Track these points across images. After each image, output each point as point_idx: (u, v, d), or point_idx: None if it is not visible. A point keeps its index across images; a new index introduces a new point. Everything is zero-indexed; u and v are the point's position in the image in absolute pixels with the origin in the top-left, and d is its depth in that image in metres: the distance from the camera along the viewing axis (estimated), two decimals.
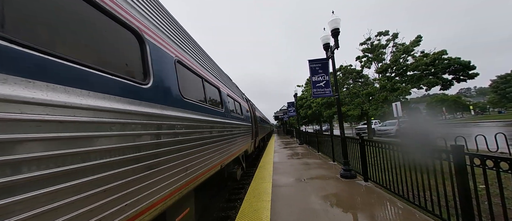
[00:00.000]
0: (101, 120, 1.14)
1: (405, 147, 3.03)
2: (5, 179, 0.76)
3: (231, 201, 5.02)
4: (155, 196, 1.55)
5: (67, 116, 0.97)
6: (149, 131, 1.53)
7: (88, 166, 1.05)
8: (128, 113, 1.34)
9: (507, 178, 1.76)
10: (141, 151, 1.42)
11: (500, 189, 1.78)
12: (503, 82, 44.04)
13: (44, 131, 0.88)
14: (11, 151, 0.78)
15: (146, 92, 1.57)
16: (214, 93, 3.63)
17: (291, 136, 21.48)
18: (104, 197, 1.12)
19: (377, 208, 3.01)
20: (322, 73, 5.43)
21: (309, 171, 5.52)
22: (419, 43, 13.59)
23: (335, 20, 4.50)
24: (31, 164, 0.83)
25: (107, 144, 1.17)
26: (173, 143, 1.81)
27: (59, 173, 0.92)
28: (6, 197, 0.75)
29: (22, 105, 0.82)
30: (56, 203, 0.90)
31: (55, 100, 0.93)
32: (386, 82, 13.58)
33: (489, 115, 52.96)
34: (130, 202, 1.30)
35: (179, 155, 1.91)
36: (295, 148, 11.14)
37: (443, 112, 47.19)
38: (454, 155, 2.17)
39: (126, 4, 1.56)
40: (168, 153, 1.74)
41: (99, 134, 1.12)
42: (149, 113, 1.53)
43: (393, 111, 9.45)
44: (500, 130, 3.10)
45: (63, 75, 1.00)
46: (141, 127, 1.45)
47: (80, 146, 1.02)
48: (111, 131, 1.20)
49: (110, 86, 1.25)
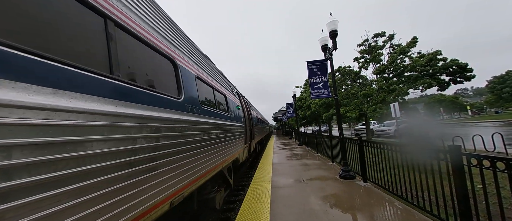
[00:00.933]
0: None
1: (403, 148, 3.05)
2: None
3: (230, 202, 5.01)
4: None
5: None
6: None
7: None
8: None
9: (505, 177, 1.78)
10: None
11: (497, 188, 1.79)
12: (499, 82, 44.46)
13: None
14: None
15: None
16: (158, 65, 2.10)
17: (290, 137, 21.50)
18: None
19: (376, 208, 3.02)
20: (320, 74, 5.46)
21: (308, 172, 5.52)
22: (415, 44, 13.74)
23: (333, 21, 4.53)
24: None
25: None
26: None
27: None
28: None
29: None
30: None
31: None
32: (384, 83, 13.68)
33: (486, 115, 53.38)
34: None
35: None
36: (294, 149, 11.14)
37: (441, 112, 47.51)
38: (451, 155, 2.19)
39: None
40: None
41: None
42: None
43: (391, 111, 9.50)
44: (497, 130, 3.13)
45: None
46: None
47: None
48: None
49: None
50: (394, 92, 12.98)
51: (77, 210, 0.96)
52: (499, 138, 2.25)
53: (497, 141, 2.23)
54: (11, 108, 0.78)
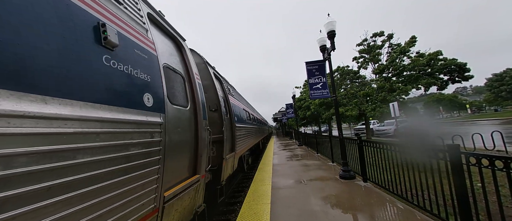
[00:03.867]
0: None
1: (403, 147, 3.05)
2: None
3: (230, 204, 4.99)
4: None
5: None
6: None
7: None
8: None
9: (504, 176, 1.78)
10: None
11: (495, 187, 1.79)
12: (497, 80, 44.53)
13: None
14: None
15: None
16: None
17: (290, 138, 21.49)
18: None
19: (376, 208, 3.02)
20: (319, 74, 5.47)
21: (308, 172, 5.51)
22: (414, 43, 13.78)
23: (331, 22, 4.54)
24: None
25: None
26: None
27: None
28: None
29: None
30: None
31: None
32: (384, 82, 13.70)
33: (485, 113, 53.47)
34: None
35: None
36: (294, 149, 11.13)
37: (440, 111, 47.58)
38: (450, 154, 2.19)
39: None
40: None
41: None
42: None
43: (391, 111, 9.51)
44: (496, 128, 3.13)
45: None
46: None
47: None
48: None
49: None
50: (396, 91, 12.99)
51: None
52: (498, 137, 2.26)
53: (496, 139, 2.23)
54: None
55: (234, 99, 5.84)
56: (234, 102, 5.51)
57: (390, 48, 14.63)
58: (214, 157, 3.79)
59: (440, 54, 13.18)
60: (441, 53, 13.20)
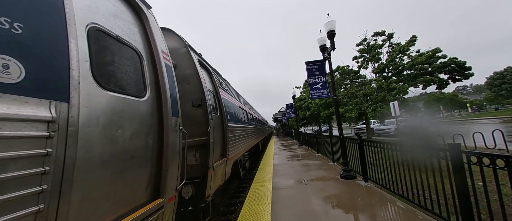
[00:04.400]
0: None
1: (404, 146, 3.05)
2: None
3: (231, 204, 4.99)
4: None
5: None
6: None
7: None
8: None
9: (505, 175, 1.77)
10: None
11: (497, 186, 1.79)
12: (497, 79, 44.44)
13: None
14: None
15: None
16: None
17: (291, 138, 21.48)
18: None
19: (377, 208, 3.01)
20: (319, 74, 5.47)
21: (309, 172, 5.51)
22: (414, 42, 13.76)
23: (331, 22, 4.54)
24: None
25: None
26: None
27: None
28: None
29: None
30: None
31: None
32: (383, 82, 13.69)
33: (486, 112, 53.37)
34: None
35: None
36: (294, 149, 11.12)
37: (441, 110, 47.52)
38: (451, 153, 2.18)
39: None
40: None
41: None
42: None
43: (391, 110, 9.50)
44: (497, 127, 3.12)
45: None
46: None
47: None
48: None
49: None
50: (394, 90, 12.97)
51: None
52: (499, 135, 2.25)
53: (497, 138, 2.23)
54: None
55: (228, 94, 5.08)
56: (227, 98, 4.72)
57: (390, 47, 14.62)
58: (197, 166, 3.05)
59: (439, 51, 13.17)
60: (439, 50, 13.19)
